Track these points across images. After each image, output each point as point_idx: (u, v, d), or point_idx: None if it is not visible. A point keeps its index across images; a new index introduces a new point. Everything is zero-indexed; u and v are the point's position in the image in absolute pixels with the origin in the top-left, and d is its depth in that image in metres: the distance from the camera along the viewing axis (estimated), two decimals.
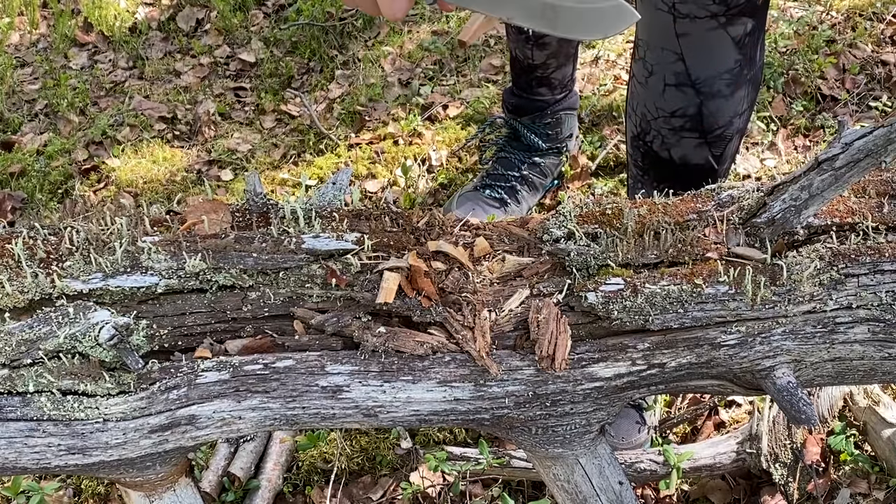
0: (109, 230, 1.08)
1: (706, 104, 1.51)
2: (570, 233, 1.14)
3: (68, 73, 3.12)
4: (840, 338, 1.10)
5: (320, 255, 1.06)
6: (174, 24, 3.33)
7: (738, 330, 1.09)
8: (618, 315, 1.07)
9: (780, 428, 1.69)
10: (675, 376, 1.12)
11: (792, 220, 1.09)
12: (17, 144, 2.81)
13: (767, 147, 2.52)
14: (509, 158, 2.37)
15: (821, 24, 2.83)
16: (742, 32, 1.46)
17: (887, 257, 1.09)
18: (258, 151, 2.74)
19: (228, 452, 1.80)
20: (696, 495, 1.76)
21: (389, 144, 2.68)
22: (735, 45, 1.47)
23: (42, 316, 1.01)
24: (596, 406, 1.12)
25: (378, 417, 1.10)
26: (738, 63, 1.49)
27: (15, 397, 1.00)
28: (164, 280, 1.04)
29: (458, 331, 1.07)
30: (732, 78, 1.50)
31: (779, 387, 1.08)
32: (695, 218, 1.16)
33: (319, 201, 1.15)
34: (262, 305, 1.06)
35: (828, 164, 1.03)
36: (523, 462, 1.67)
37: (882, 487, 1.65)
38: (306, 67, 3.08)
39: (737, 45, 1.47)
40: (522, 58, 2.18)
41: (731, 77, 1.50)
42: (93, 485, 1.83)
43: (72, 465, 1.05)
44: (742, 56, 1.48)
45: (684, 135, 1.56)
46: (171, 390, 1.03)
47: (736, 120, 1.57)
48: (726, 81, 1.50)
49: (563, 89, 2.28)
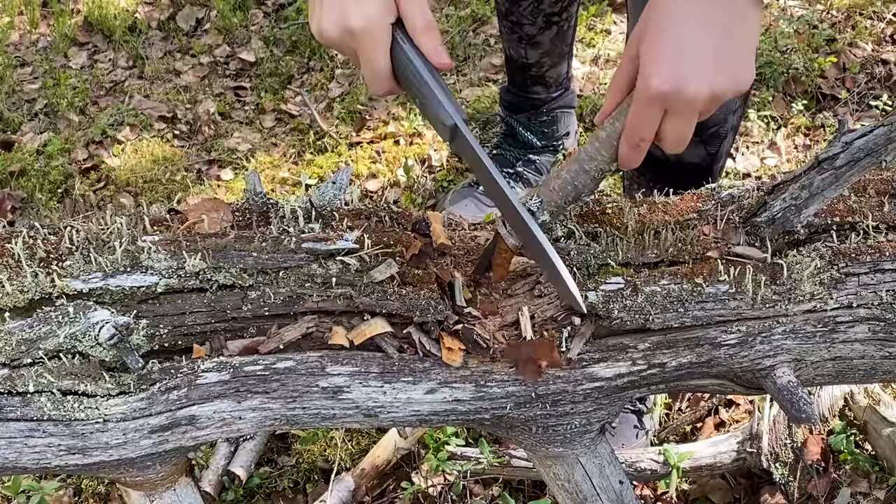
0: (109, 229, 1.08)
1: None
2: (571, 232, 1.14)
3: (68, 73, 3.11)
4: (840, 337, 1.10)
5: (320, 254, 1.06)
6: (174, 23, 3.33)
7: (738, 329, 1.09)
8: (618, 314, 1.06)
9: (780, 427, 1.69)
10: (675, 376, 1.12)
11: (792, 219, 1.09)
12: (17, 144, 2.81)
13: (768, 146, 2.52)
14: (505, 156, 2.37)
15: (821, 23, 2.83)
16: None
17: (888, 256, 1.09)
18: (258, 150, 2.74)
19: (228, 451, 1.80)
20: (697, 494, 1.76)
21: (390, 144, 2.68)
22: None
23: (42, 315, 1.01)
24: (596, 406, 1.12)
25: (378, 418, 1.10)
26: None
27: (15, 397, 1.00)
28: (164, 279, 1.04)
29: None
30: None
31: (779, 386, 1.08)
32: (695, 217, 1.15)
33: (319, 200, 1.15)
34: (263, 305, 1.06)
35: (828, 163, 1.03)
36: (524, 461, 1.67)
37: (882, 486, 1.65)
38: (306, 66, 3.08)
39: None
40: (516, 57, 2.19)
41: None
42: (93, 484, 1.83)
43: (72, 465, 1.05)
44: None
45: None
46: (172, 391, 1.03)
47: (730, 117, 1.57)
48: None
49: (558, 87, 2.28)
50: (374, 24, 0.98)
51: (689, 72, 0.94)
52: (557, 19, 2.08)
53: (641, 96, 0.96)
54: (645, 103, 0.96)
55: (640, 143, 0.99)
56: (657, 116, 0.97)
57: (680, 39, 0.95)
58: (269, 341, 1.06)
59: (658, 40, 0.96)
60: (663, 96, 0.95)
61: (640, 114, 0.97)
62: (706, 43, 0.95)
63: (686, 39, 0.94)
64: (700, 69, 0.94)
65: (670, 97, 0.94)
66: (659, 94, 0.95)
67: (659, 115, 0.97)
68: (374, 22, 0.98)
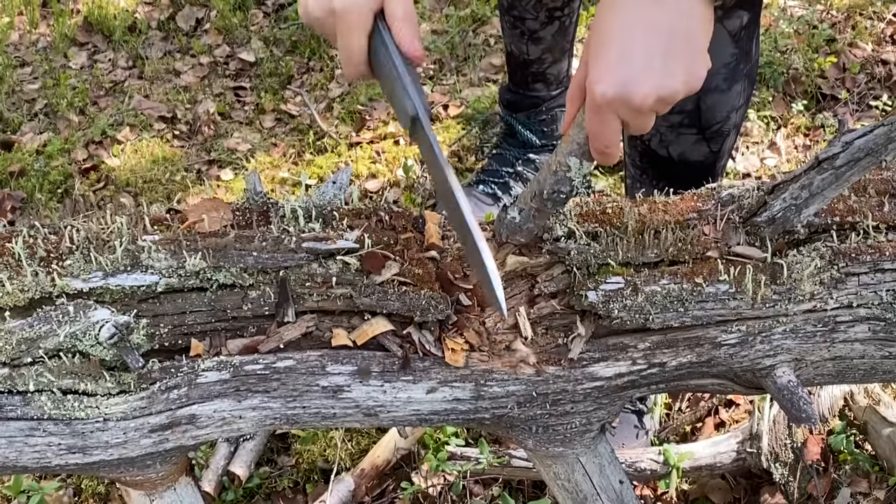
0: (109, 229, 1.08)
1: (703, 99, 1.51)
2: (571, 231, 1.13)
3: (68, 73, 3.11)
4: (840, 336, 1.10)
5: (320, 253, 1.06)
6: (174, 23, 3.33)
7: (738, 329, 1.09)
8: (618, 314, 1.06)
9: (780, 427, 1.69)
10: (675, 375, 1.12)
11: (792, 218, 1.09)
12: (17, 144, 2.81)
13: (768, 146, 2.52)
14: (504, 154, 2.38)
15: (821, 24, 2.83)
16: (738, 26, 1.46)
17: (888, 256, 1.09)
18: (258, 151, 2.74)
19: (228, 451, 1.80)
20: (697, 494, 1.76)
21: (390, 144, 2.68)
22: (731, 38, 1.47)
23: (42, 314, 1.00)
24: (596, 405, 1.12)
25: (378, 417, 1.10)
26: (735, 57, 1.49)
27: (15, 396, 1.00)
28: (165, 279, 1.04)
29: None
30: (729, 72, 1.50)
31: (779, 386, 1.08)
32: (695, 217, 1.15)
33: (319, 200, 1.15)
34: (263, 304, 1.06)
35: (828, 163, 1.03)
36: (524, 461, 1.66)
37: (882, 486, 1.65)
38: (306, 67, 3.08)
39: (733, 39, 1.47)
40: (518, 53, 2.19)
41: (727, 72, 1.50)
42: (93, 484, 1.83)
43: (72, 465, 1.05)
44: (738, 50, 1.49)
45: (682, 131, 1.56)
46: (172, 390, 1.03)
47: (733, 115, 1.58)
48: (723, 76, 1.50)
49: (558, 85, 2.28)
50: (355, 6, 1.01)
51: (632, 76, 0.93)
52: (560, 14, 2.08)
53: (589, 104, 0.96)
54: (594, 111, 0.96)
55: (605, 148, 0.99)
56: (612, 121, 0.96)
57: (623, 44, 0.94)
58: (270, 340, 1.06)
59: (601, 47, 0.95)
60: (609, 102, 0.94)
61: (593, 121, 0.97)
62: (651, 45, 0.94)
63: (629, 44, 0.94)
64: (644, 72, 0.93)
65: (615, 103, 0.94)
66: (604, 100, 0.94)
67: (613, 119, 0.96)
68: (355, 5, 1.01)
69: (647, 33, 0.94)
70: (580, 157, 1.02)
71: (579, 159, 1.02)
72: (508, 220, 1.09)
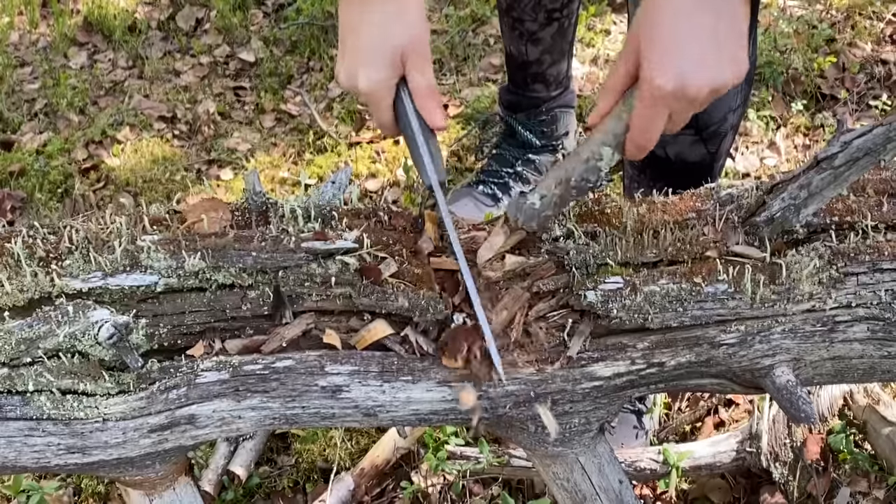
0: (109, 229, 1.08)
1: None
2: (570, 231, 1.14)
3: (68, 73, 3.12)
4: (839, 336, 1.10)
5: (320, 253, 1.06)
6: (174, 23, 3.33)
7: (737, 329, 1.09)
8: (617, 314, 1.06)
9: (779, 427, 1.69)
10: (674, 375, 1.12)
11: (791, 218, 1.09)
12: (17, 144, 2.81)
13: (767, 146, 2.52)
14: (504, 155, 2.38)
15: (820, 23, 2.83)
16: None
17: (886, 256, 1.09)
18: (258, 150, 2.74)
19: (228, 451, 1.80)
20: (696, 494, 1.76)
21: (390, 144, 2.68)
22: None
23: (41, 315, 1.01)
24: (595, 405, 1.12)
25: (378, 417, 1.10)
26: None
27: (15, 396, 1.00)
28: (164, 279, 1.04)
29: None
30: None
31: (778, 385, 1.08)
32: (694, 217, 1.16)
33: (319, 200, 1.15)
34: (262, 304, 1.06)
35: (827, 163, 1.03)
36: (523, 461, 1.67)
37: (882, 486, 1.65)
38: (306, 67, 3.08)
39: None
40: (517, 54, 2.19)
41: None
42: (92, 484, 1.83)
43: (71, 465, 1.05)
44: None
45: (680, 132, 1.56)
46: (171, 390, 1.03)
47: (730, 116, 1.58)
48: None
49: (558, 86, 2.28)
50: (377, 87, 1.10)
51: (691, 68, 0.95)
52: (559, 15, 2.08)
53: (645, 96, 0.97)
54: (650, 103, 0.97)
55: (647, 142, 1.01)
56: (664, 115, 0.98)
57: (677, 36, 0.96)
58: (271, 340, 1.06)
59: (656, 39, 0.97)
60: (668, 95, 0.96)
61: (645, 114, 0.98)
62: (702, 37, 0.96)
63: (683, 35, 0.95)
64: (700, 64, 0.96)
65: (673, 96, 0.95)
66: (663, 93, 0.96)
67: (665, 114, 0.98)
68: (378, 86, 1.10)
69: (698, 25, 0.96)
70: (614, 147, 1.04)
71: (612, 150, 1.04)
72: (528, 206, 1.08)
